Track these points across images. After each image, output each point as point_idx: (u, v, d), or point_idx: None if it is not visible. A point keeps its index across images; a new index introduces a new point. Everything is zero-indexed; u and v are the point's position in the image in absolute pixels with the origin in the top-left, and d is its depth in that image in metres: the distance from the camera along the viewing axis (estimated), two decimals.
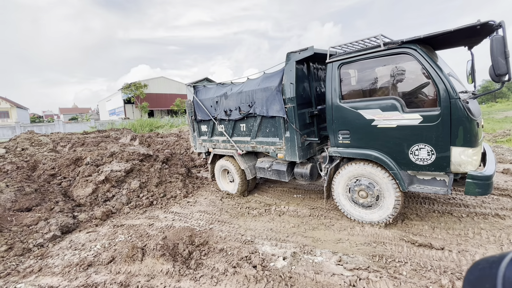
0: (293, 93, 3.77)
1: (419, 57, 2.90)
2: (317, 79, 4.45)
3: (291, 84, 3.79)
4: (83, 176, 5.29)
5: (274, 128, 4.19)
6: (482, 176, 2.71)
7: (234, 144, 4.86)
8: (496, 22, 2.45)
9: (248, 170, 4.80)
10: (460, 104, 2.72)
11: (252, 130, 4.54)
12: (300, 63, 3.94)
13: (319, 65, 4.54)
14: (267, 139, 4.34)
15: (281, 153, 4.15)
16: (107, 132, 18.36)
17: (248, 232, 3.57)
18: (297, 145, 3.89)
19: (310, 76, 4.26)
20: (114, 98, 40.24)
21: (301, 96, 3.97)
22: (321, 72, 4.61)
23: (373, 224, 3.40)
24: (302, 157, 3.97)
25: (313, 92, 4.29)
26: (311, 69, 4.27)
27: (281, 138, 4.10)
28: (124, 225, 4.07)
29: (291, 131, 3.91)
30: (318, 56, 3.95)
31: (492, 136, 8.63)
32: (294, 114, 3.82)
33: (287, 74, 3.84)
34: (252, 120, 4.49)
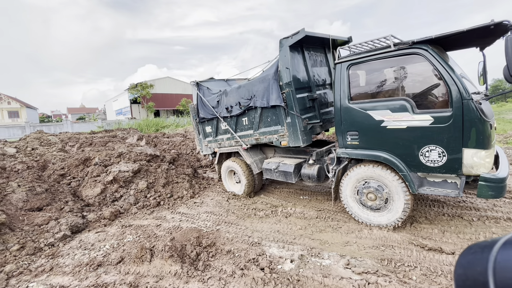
0: (290, 78, 3.77)
1: (431, 57, 2.85)
2: (313, 64, 4.47)
3: (286, 69, 3.79)
4: (91, 176, 5.36)
5: (275, 116, 4.21)
6: (496, 179, 2.65)
7: (239, 139, 4.87)
8: (510, 22, 2.40)
9: (254, 164, 4.83)
10: (473, 105, 2.66)
11: (254, 123, 4.58)
12: (294, 48, 3.95)
13: (314, 49, 4.56)
14: (270, 129, 4.36)
15: (284, 140, 4.13)
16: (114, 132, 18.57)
17: (255, 233, 3.57)
18: (299, 129, 3.86)
19: (306, 61, 4.28)
20: (121, 98, 40.70)
21: (298, 81, 3.99)
22: (317, 56, 4.63)
23: (381, 227, 3.36)
24: (306, 141, 3.94)
25: (311, 77, 4.30)
26: (306, 54, 4.29)
27: (282, 125, 4.10)
28: (132, 226, 4.11)
29: (291, 116, 3.90)
30: (312, 40, 3.98)
31: (503, 137, 8.44)
32: (293, 98, 3.81)
33: (282, 60, 3.85)
34: (253, 112, 4.53)
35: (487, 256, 0.50)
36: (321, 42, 4.54)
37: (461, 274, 0.55)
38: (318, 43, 4.60)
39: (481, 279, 0.49)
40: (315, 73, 4.45)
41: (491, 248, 0.51)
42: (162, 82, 39.12)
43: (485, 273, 0.48)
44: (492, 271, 0.48)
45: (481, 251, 0.53)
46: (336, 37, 4.50)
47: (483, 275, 0.48)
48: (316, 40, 4.36)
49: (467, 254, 0.58)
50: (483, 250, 0.53)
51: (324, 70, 4.83)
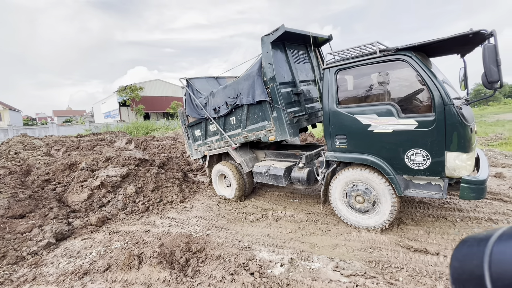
0: (273, 73, 3.87)
1: (414, 64, 2.95)
2: (296, 61, 4.60)
3: (269, 65, 3.90)
4: (78, 182, 5.23)
5: (261, 112, 4.28)
6: (476, 181, 2.76)
7: (228, 138, 4.89)
8: (488, 31, 2.51)
9: (244, 163, 4.84)
10: (454, 110, 2.77)
11: (241, 121, 4.63)
12: (276, 45, 4.12)
13: (296, 46, 4.72)
14: (257, 125, 4.41)
15: (271, 135, 4.19)
16: (102, 135, 18.19)
17: (245, 238, 3.56)
18: (285, 123, 3.93)
19: (288, 58, 4.42)
20: (109, 101, 39.96)
21: (282, 76, 4.12)
22: (299, 53, 4.78)
23: (369, 229, 3.42)
24: (293, 134, 4.01)
25: (294, 72, 4.42)
26: (288, 51, 4.44)
27: (269, 120, 4.17)
28: (120, 232, 4.02)
29: (277, 110, 3.98)
30: (294, 38, 4.20)
31: (484, 139, 8.77)
32: (277, 92, 3.89)
33: (265, 57, 3.97)
34: (240, 110, 4.58)
35: (483, 249, 0.50)
36: (302, 39, 4.66)
37: (457, 267, 0.56)
38: (300, 41, 4.73)
39: (477, 272, 0.49)
40: (298, 69, 4.58)
41: (486, 241, 0.51)
42: (152, 85, 38.67)
43: (481, 266, 0.48)
44: (488, 264, 0.48)
45: (477, 244, 0.54)
46: (316, 34, 4.63)
47: (479, 268, 0.49)
48: (297, 38, 4.50)
49: (462, 247, 0.58)
50: (478, 243, 0.53)
51: (307, 67, 4.95)
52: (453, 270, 0.56)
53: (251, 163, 4.92)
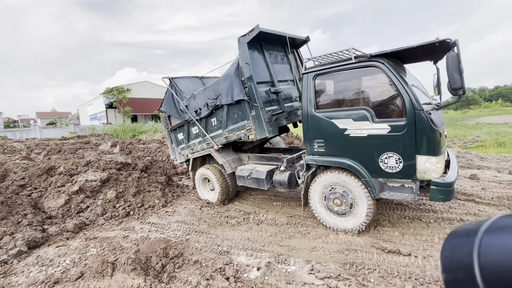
0: (250, 72, 3.95)
1: (386, 70, 3.04)
2: (274, 61, 4.70)
3: (246, 64, 3.97)
4: (55, 187, 5.08)
5: (240, 111, 4.32)
6: (445, 183, 2.86)
7: (210, 139, 4.89)
8: (452, 40, 2.63)
9: (227, 164, 4.83)
10: (424, 115, 2.86)
11: (222, 122, 4.66)
12: (253, 46, 4.25)
13: (274, 47, 4.83)
14: (237, 125, 4.46)
15: (251, 133, 4.24)
16: (87, 138, 17.74)
17: (225, 242, 3.55)
18: (264, 121, 3.98)
19: (266, 58, 4.52)
20: (96, 103, 39.07)
21: (259, 75, 4.21)
22: (277, 54, 4.88)
23: (347, 232, 3.48)
24: (272, 132, 4.05)
25: (272, 72, 4.51)
26: (265, 52, 4.55)
27: (248, 119, 4.22)
28: (97, 238, 3.93)
29: (255, 108, 4.04)
30: (271, 39, 4.36)
31: (462, 142, 9.10)
32: (255, 91, 3.95)
33: (242, 57, 4.04)
34: (220, 111, 4.62)
35: (473, 239, 0.52)
36: (280, 40, 4.74)
37: (447, 256, 0.57)
38: (277, 42, 4.82)
39: (466, 261, 0.51)
40: (276, 69, 4.67)
41: (476, 232, 0.53)
42: (140, 87, 38.10)
43: (470, 255, 0.50)
44: (477, 253, 0.50)
45: (467, 235, 0.55)
46: (293, 35, 4.73)
47: (468, 257, 0.51)
48: (274, 39, 4.60)
49: (453, 237, 0.59)
50: (468, 233, 0.55)
51: (285, 67, 5.03)
52: (443, 259, 0.58)
53: (234, 164, 4.92)
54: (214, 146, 4.89)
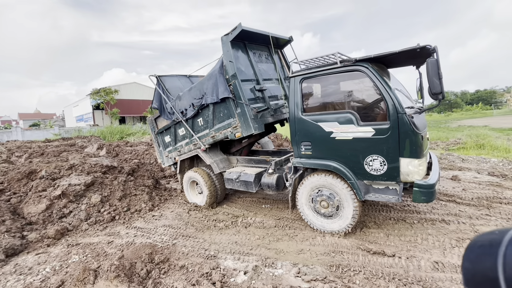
0: (234, 70, 4.00)
1: (370, 74, 3.10)
2: (258, 60, 4.77)
3: (230, 62, 4.03)
4: (36, 191, 4.89)
5: (226, 110, 4.33)
6: (427, 185, 2.94)
7: (198, 139, 4.86)
8: (432, 47, 2.72)
9: (215, 164, 4.79)
10: (406, 119, 2.94)
11: (208, 121, 4.66)
12: (237, 45, 4.34)
13: (258, 47, 4.91)
14: (223, 123, 4.46)
15: (237, 131, 4.24)
16: (73, 140, 17.23)
17: (212, 246, 3.51)
18: (249, 118, 3.99)
19: (250, 57, 4.59)
20: (82, 104, 38.06)
21: (244, 73, 4.29)
22: (261, 53, 4.95)
23: (333, 234, 3.51)
24: (257, 129, 4.05)
25: (256, 71, 4.58)
26: (249, 51, 4.63)
27: (234, 116, 4.23)
28: (80, 244, 3.81)
29: (240, 106, 4.06)
30: (255, 38, 4.47)
31: (445, 144, 9.40)
32: (240, 88, 3.99)
33: (225, 55, 4.12)
34: (206, 111, 4.62)
35: (496, 250, 0.48)
36: (264, 40, 4.81)
37: (469, 268, 0.54)
38: (261, 41, 4.89)
39: (491, 275, 0.48)
40: (261, 68, 4.73)
41: (499, 242, 0.49)
42: (129, 88, 37.42)
43: (495, 268, 0.47)
44: (502, 267, 0.46)
45: (489, 245, 0.52)
46: (276, 35, 4.80)
47: (493, 271, 0.47)
48: (258, 38, 4.69)
49: (474, 247, 0.56)
50: (491, 243, 0.51)
51: (270, 67, 5.08)
52: (465, 271, 0.54)
53: (222, 164, 4.89)
54: (201, 146, 4.85)
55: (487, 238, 0.54)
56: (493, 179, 5.42)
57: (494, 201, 4.21)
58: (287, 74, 5.41)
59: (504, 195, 4.43)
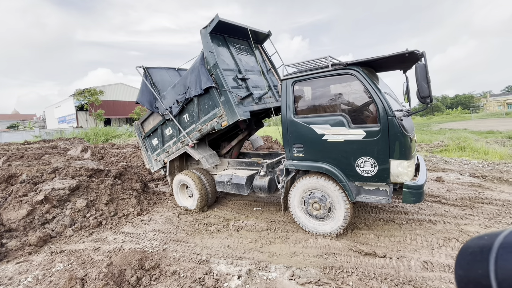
0: (215, 59, 4.10)
1: (361, 77, 3.17)
2: (238, 52, 4.88)
3: (210, 53, 4.13)
4: (16, 196, 4.65)
5: (211, 100, 4.36)
6: (415, 186, 3.02)
7: (186, 135, 4.81)
8: (420, 52, 2.81)
9: (204, 159, 4.73)
10: (396, 122, 3.02)
11: (194, 116, 4.66)
12: (216, 38, 4.47)
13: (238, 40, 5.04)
14: (209, 115, 4.46)
15: (224, 120, 4.24)
16: (55, 142, 16.56)
17: (204, 250, 3.45)
18: (234, 104, 4.02)
19: (230, 49, 4.68)
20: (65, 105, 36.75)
21: (225, 62, 4.39)
22: (241, 46, 5.07)
23: (325, 236, 3.54)
24: (243, 115, 4.06)
25: (237, 61, 4.67)
26: (229, 44, 4.73)
27: (218, 106, 4.26)
28: (64, 251, 3.64)
29: (224, 93, 4.10)
30: (234, 32, 4.66)
31: (429, 146, 9.75)
32: (222, 77, 4.06)
33: (205, 47, 4.20)
34: (191, 105, 4.64)
35: (487, 256, 0.49)
36: (243, 34, 4.92)
37: (462, 276, 0.54)
38: (240, 35, 5.01)
39: (484, 282, 0.47)
40: (242, 59, 4.82)
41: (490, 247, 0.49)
42: (114, 89, 36.49)
43: (487, 275, 0.47)
44: (494, 274, 0.46)
45: (480, 251, 0.51)
46: (254, 29, 4.91)
47: (485, 278, 0.47)
48: (237, 32, 4.82)
49: (465, 253, 0.55)
50: (481, 249, 0.51)
51: (251, 59, 5.16)
52: (458, 278, 0.54)
53: (212, 159, 4.83)
54: (189, 142, 4.80)
55: (477, 243, 0.54)
56: (474, 180, 5.65)
57: (476, 201, 4.40)
58: (269, 67, 5.49)
59: (485, 195, 4.63)
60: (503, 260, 0.47)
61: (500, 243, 0.49)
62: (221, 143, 6.29)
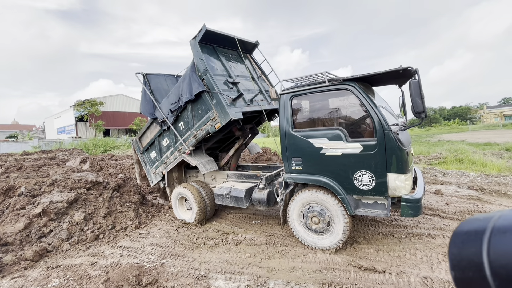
0: (205, 65, 4.30)
1: (357, 93, 3.25)
2: (228, 60, 5.05)
3: (200, 60, 4.33)
4: (14, 209, 4.62)
5: (204, 105, 4.47)
6: (413, 199, 3.04)
7: (183, 142, 4.87)
8: (413, 68, 2.90)
9: (201, 165, 4.74)
10: (392, 136, 3.07)
11: (189, 122, 4.76)
12: (206, 47, 4.67)
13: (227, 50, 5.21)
14: (203, 119, 4.55)
15: (217, 122, 4.31)
16: (53, 153, 16.54)
17: (202, 265, 3.41)
18: (225, 105, 4.11)
19: (220, 57, 4.85)
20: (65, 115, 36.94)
21: (215, 69, 4.55)
22: (231, 55, 5.23)
23: (324, 250, 3.52)
24: (235, 115, 4.14)
25: (227, 68, 4.82)
26: (219, 53, 4.91)
27: (211, 108, 4.34)
28: (60, 266, 3.59)
29: (215, 96, 4.20)
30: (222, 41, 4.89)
31: (427, 159, 9.79)
32: (212, 80, 4.21)
33: (196, 55, 4.39)
34: (185, 112, 4.76)
35: (481, 236, 0.50)
36: (231, 44, 5.11)
37: (455, 253, 0.55)
38: (229, 45, 5.19)
39: (475, 259, 0.49)
40: (232, 66, 4.99)
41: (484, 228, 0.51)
42: (115, 100, 36.81)
43: (480, 253, 0.49)
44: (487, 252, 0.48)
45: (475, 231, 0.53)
46: (242, 38, 5.11)
47: (478, 255, 0.49)
48: (226, 42, 5.02)
49: (460, 233, 0.57)
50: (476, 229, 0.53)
51: (241, 67, 5.30)
52: (451, 256, 0.56)
53: (209, 165, 4.85)
54: (186, 150, 4.85)
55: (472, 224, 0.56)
56: (473, 193, 5.67)
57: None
58: (259, 74, 5.62)
59: (484, 208, 4.63)
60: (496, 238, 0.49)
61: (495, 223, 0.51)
62: (219, 153, 6.31)
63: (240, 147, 5.63)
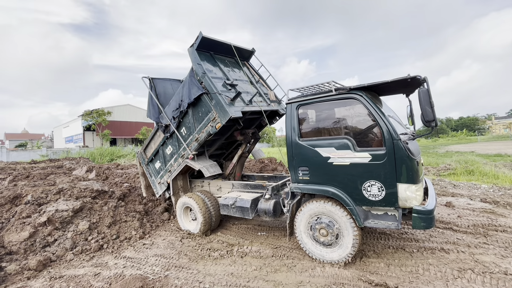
0: (203, 69, 4.41)
1: (364, 102, 3.22)
2: (225, 66, 5.15)
3: (198, 65, 4.46)
4: (20, 218, 4.62)
5: (204, 108, 4.53)
6: (425, 211, 2.93)
7: (186, 146, 4.89)
8: (422, 77, 2.87)
9: (204, 168, 4.70)
10: (401, 145, 3.00)
11: (191, 127, 4.81)
12: (203, 54, 4.81)
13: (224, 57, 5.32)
14: (204, 121, 4.59)
15: (217, 122, 4.35)
16: (61, 162, 16.74)
17: (207, 278, 3.32)
18: (224, 104, 4.19)
19: (218, 63, 4.96)
20: (73, 125, 37.69)
21: (213, 73, 4.65)
22: (228, 62, 5.32)
23: (333, 264, 3.40)
24: (234, 113, 4.17)
25: (225, 72, 4.92)
26: (216, 59, 5.02)
27: (211, 109, 4.40)
28: (63, 277, 3.54)
29: (214, 97, 4.28)
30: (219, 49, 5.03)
31: (436, 170, 9.58)
32: (210, 82, 4.32)
33: (194, 62, 4.51)
34: (187, 117, 4.83)
35: None
36: (228, 51, 5.24)
37: None
38: (226, 52, 5.31)
39: None
40: (230, 71, 5.08)
41: None
42: (122, 110, 37.49)
43: None
44: None
45: None
46: (238, 46, 5.22)
47: None
48: (223, 49, 5.16)
49: None
50: None
51: (239, 72, 5.35)
52: None
53: (212, 169, 4.81)
54: (189, 155, 4.85)
55: None
56: (485, 205, 5.48)
57: (490, 229, 4.22)
58: (257, 79, 5.65)
59: (498, 222, 4.46)
60: None
61: None
62: (223, 162, 6.27)
63: (243, 154, 5.60)
